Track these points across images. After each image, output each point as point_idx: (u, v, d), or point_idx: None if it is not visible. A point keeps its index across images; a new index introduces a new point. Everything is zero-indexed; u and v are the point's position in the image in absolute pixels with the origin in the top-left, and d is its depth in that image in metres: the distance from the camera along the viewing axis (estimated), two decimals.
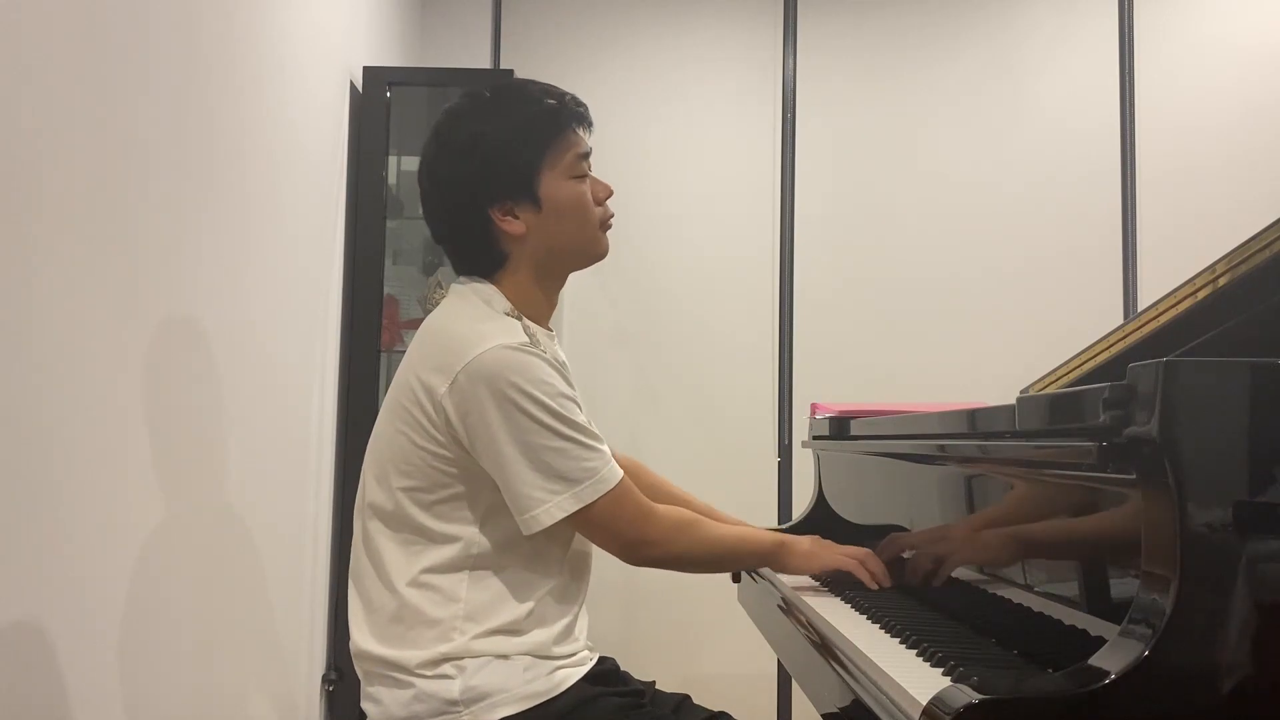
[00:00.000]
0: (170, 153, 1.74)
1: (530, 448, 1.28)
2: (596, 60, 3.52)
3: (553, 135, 1.40)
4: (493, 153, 1.38)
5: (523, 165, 1.38)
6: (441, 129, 1.42)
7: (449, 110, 1.44)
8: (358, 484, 1.43)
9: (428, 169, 1.43)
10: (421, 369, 1.33)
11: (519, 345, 1.30)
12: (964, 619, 1.36)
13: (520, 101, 1.41)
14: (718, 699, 1.54)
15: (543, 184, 1.39)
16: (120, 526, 1.61)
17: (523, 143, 1.38)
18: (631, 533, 1.35)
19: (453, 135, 1.40)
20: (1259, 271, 1.16)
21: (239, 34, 2.03)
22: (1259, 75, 3.34)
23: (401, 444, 1.34)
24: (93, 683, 1.54)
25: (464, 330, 1.33)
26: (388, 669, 1.32)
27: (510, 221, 1.38)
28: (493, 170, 1.38)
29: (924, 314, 3.40)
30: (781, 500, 3.31)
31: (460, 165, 1.39)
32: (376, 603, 1.34)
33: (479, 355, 1.28)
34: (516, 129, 1.39)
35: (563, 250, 1.43)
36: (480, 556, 1.33)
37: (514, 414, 1.27)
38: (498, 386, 1.27)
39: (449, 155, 1.40)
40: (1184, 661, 0.87)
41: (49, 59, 1.40)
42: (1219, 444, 0.90)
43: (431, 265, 3.09)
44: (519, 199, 1.38)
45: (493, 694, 1.28)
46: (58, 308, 1.42)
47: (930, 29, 3.50)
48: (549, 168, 1.39)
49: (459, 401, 1.29)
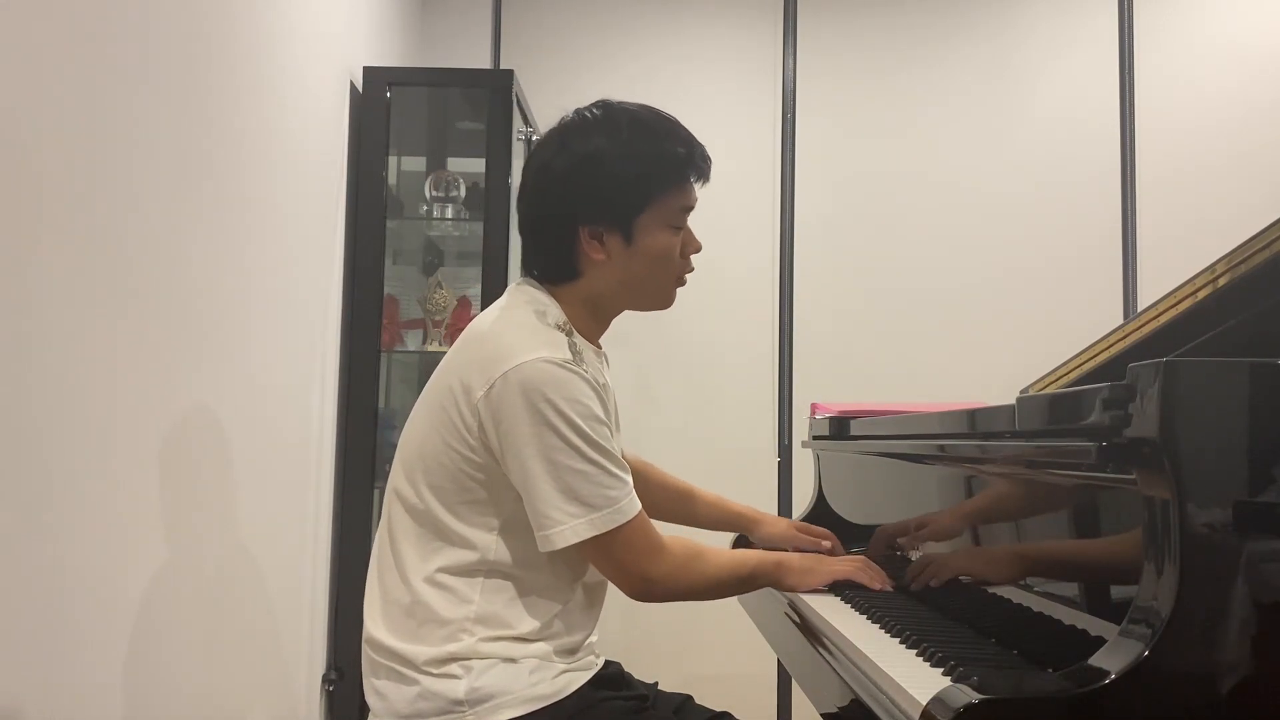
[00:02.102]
0: (170, 153, 1.74)
1: (555, 466, 1.27)
2: (596, 60, 3.52)
3: (670, 182, 1.40)
4: (607, 177, 1.37)
5: (630, 201, 1.38)
6: (569, 131, 1.41)
7: (582, 116, 1.42)
8: (357, 484, 1.44)
9: (541, 163, 1.41)
10: (463, 371, 1.33)
11: (561, 361, 1.29)
12: (964, 619, 1.36)
13: (653, 137, 1.40)
14: (718, 699, 1.55)
15: (640, 224, 1.39)
16: (120, 527, 1.61)
17: (639, 179, 1.38)
18: (639, 569, 1.33)
19: (577, 143, 1.39)
20: (1259, 271, 1.16)
21: (239, 34, 2.03)
22: (1259, 76, 3.34)
23: (433, 441, 1.34)
24: (93, 683, 1.54)
25: (510, 338, 1.33)
26: (395, 662, 1.33)
27: (594, 246, 1.38)
28: (600, 193, 1.37)
29: (924, 314, 3.40)
30: (781, 500, 3.31)
31: (572, 174, 1.38)
32: (392, 594, 1.36)
33: (519, 365, 1.28)
34: (639, 163, 1.38)
35: (632, 290, 1.43)
36: (496, 565, 1.33)
37: (544, 430, 1.27)
38: (533, 400, 1.27)
39: (566, 159, 1.39)
40: (1184, 661, 0.87)
41: (48, 59, 1.40)
42: (1219, 444, 0.90)
43: (431, 265, 3.09)
44: (612, 229, 1.38)
45: (498, 695, 1.28)
46: (58, 308, 1.42)
47: (930, 29, 3.50)
48: (653, 211, 1.39)
49: (494, 408, 1.28)
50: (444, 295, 2.90)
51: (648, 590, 1.35)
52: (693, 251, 1.46)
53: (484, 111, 2.91)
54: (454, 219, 2.98)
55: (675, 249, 1.42)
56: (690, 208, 1.44)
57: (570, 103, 1.46)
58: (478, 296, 2.84)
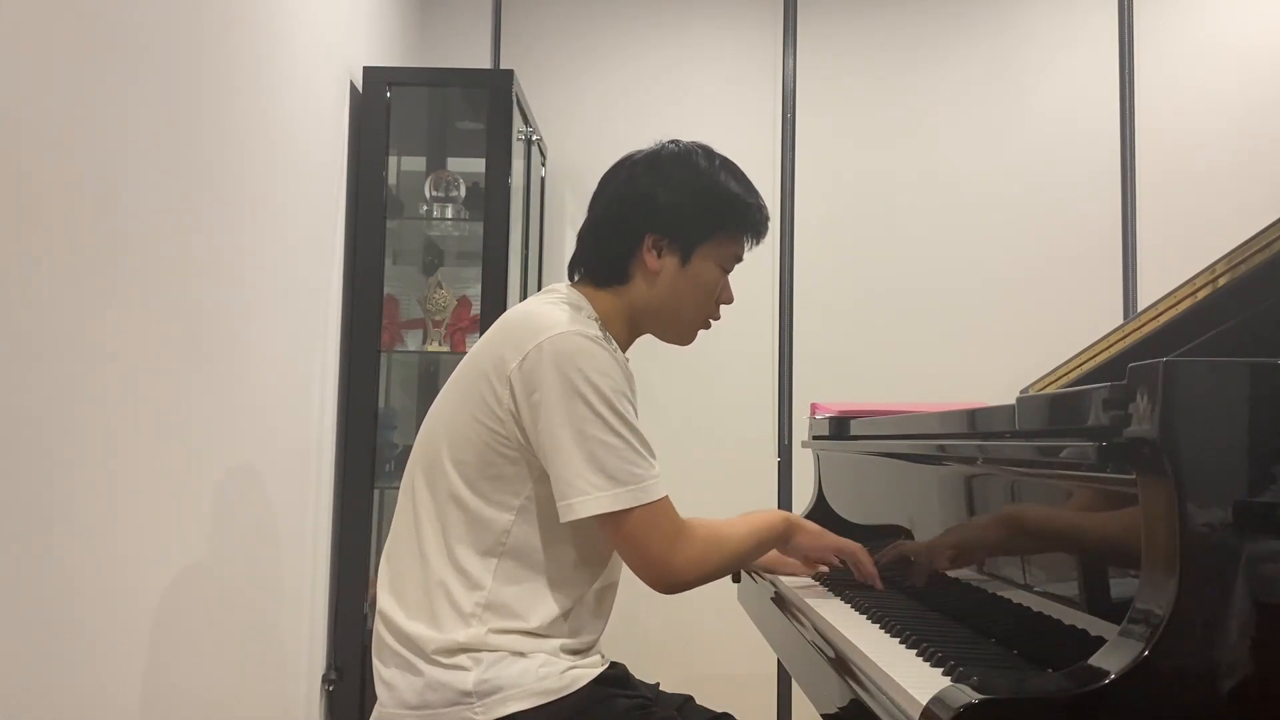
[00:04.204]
0: (169, 153, 1.74)
1: (584, 436, 1.29)
2: (596, 60, 3.51)
3: (736, 225, 1.48)
4: (690, 195, 1.44)
5: (700, 223, 1.45)
6: (666, 151, 1.48)
7: (680, 143, 1.50)
8: (357, 484, 1.44)
9: (634, 168, 1.48)
10: (496, 348, 1.36)
11: (594, 337, 1.34)
12: (964, 619, 1.36)
13: (736, 181, 1.49)
14: (718, 699, 1.55)
15: (700, 250, 1.46)
16: (120, 527, 1.61)
17: (715, 209, 1.46)
18: (660, 554, 1.33)
19: (671, 159, 1.47)
20: (1259, 271, 1.16)
21: (239, 34, 2.03)
22: (1259, 76, 3.34)
23: (462, 417, 1.37)
24: (94, 682, 1.54)
25: (545, 315, 1.37)
26: (406, 648, 1.34)
27: (652, 256, 1.44)
28: (680, 209, 1.44)
29: (924, 314, 3.40)
30: (781, 500, 3.31)
31: (659, 182, 1.45)
32: (410, 570, 1.37)
33: (553, 336, 1.32)
34: (718, 197, 1.46)
35: (668, 312, 1.48)
36: (511, 548, 1.34)
37: (574, 400, 1.29)
38: (565, 370, 1.30)
39: (658, 169, 1.46)
40: (1183, 661, 0.87)
41: (46, 60, 1.40)
42: (1219, 444, 0.90)
43: (431, 265, 3.09)
44: (674, 246, 1.45)
45: (506, 688, 1.29)
46: (57, 309, 1.42)
47: (930, 29, 3.50)
48: (714, 243, 1.46)
49: (527, 378, 1.32)
50: (444, 295, 2.90)
51: (670, 577, 1.35)
52: (726, 300, 1.52)
53: (484, 111, 2.91)
54: (454, 219, 2.98)
55: (716, 287, 1.49)
56: (739, 258, 1.51)
57: (570, 103, 1.47)
58: (477, 296, 2.84)
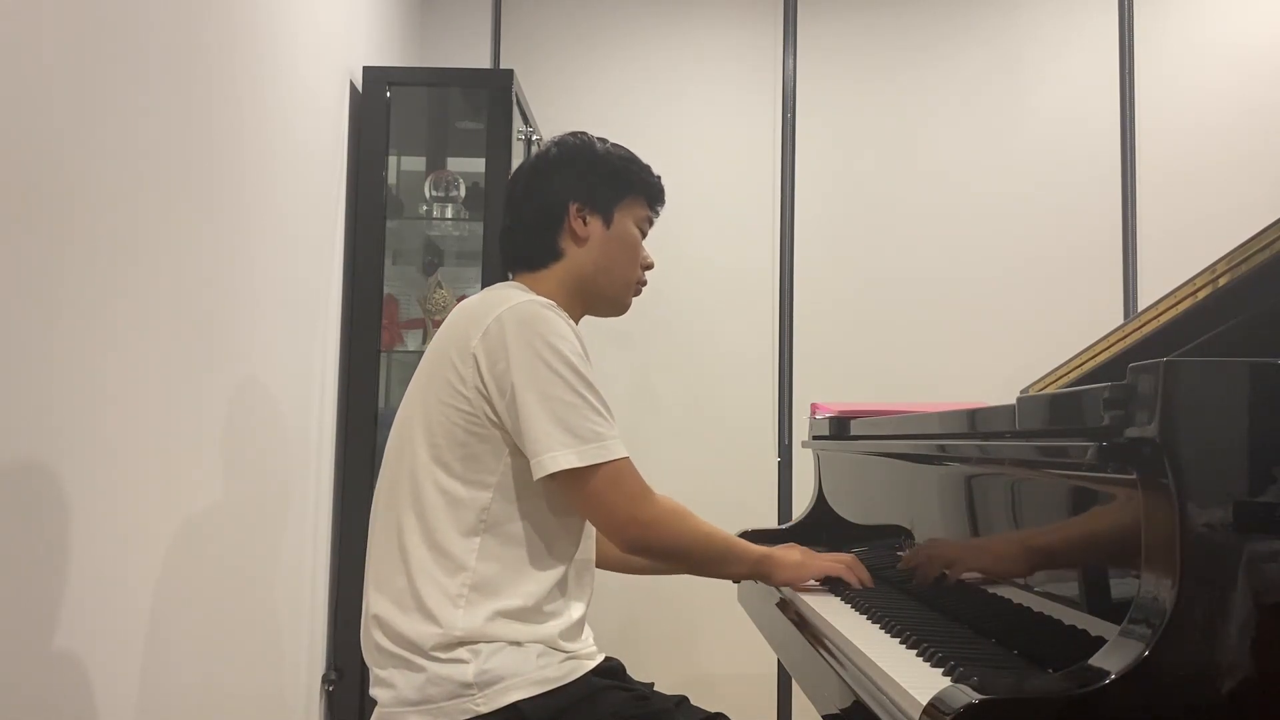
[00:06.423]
0: (169, 154, 1.74)
1: (547, 398, 1.34)
2: (596, 60, 3.51)
3: (643, 191, 1.59)
4: (599, 162, 1.56)
5: (615, 186, 1.56)
6: (566, 139, 1.59)
7: (577, 133, 1.61)
8: (357, 484, 1.45)
9: (537, 162, 1.57)
10: (456, 331, 1.42)
11: (549, 304, 1.41)
12: (964, 619, 1.36)
13: (630, 153, 1.61)
14: (718, 699, 1.55)
15: (619, 211, 1.56)
16: (120, 527, 1.61)
17: (624, 174, 1.57)
18: (627, 511, 1.38)
19: (569, 146, 1.57)
20: (1259, 271, 1.16)
21: (239, 34, 2.03)
22: (1259, 75, 3.34)
23: (430, 404, 1.41)
24: (93, 682, 1.54)
25: (499, 295, 1.44)
26: (402, 647, 1.35)
27: (579, 223, 1.53)
28: (593, 173, 1.55)
29: (924, 314, 3.40)
30: (781, 500, 3.31)
31: (565, 162, 1.55)
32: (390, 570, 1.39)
33: (512, 306, 1.39)
34: (625, 164, 1.58)
35: (601, 282, 1.55)
36: (491, 524, 1.37)
37: (536, 364, 1.35)
38: (525, 336, 1.36)
39: (562, 154, 1.57)
40: (1184, 661, 0.87)
41: (46, 60, 1.40)
42: (1219, 444, 0.90)
43: (431, 265, 3.09)
44: (596, 209, 1.54)
45: (506, 678, 1.31)
46: (56, 309, 1.42)
47: (930, 29, 3.50)
48: (629, 206, 1.57)
49: (490, 348, 1.37)
50: (444, 295, 2.90)
51: (638, 534, 1.39)
52: (647, 266, 1.61)
53: (484, 111, 2.91)
54: (454, 219, 2.98)
55: (640, 246, 1.59)
56: (651, 222, 1.61)
57: (570, 103, 1.48)
58: None
